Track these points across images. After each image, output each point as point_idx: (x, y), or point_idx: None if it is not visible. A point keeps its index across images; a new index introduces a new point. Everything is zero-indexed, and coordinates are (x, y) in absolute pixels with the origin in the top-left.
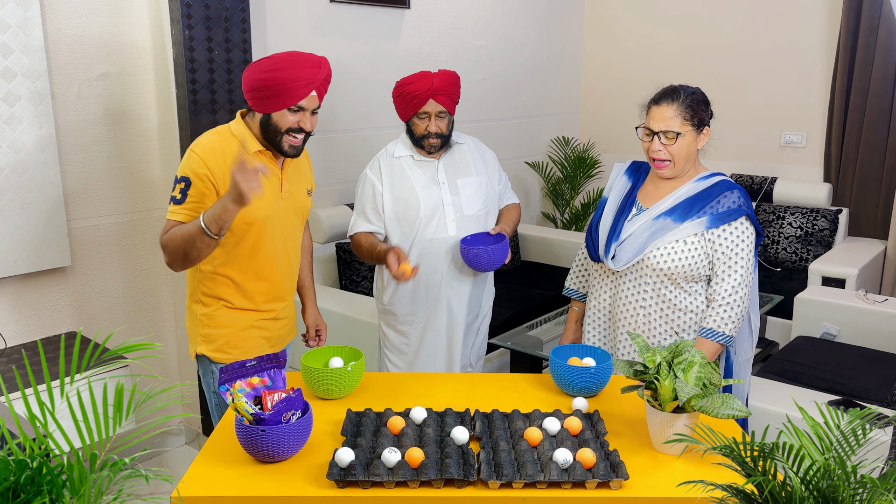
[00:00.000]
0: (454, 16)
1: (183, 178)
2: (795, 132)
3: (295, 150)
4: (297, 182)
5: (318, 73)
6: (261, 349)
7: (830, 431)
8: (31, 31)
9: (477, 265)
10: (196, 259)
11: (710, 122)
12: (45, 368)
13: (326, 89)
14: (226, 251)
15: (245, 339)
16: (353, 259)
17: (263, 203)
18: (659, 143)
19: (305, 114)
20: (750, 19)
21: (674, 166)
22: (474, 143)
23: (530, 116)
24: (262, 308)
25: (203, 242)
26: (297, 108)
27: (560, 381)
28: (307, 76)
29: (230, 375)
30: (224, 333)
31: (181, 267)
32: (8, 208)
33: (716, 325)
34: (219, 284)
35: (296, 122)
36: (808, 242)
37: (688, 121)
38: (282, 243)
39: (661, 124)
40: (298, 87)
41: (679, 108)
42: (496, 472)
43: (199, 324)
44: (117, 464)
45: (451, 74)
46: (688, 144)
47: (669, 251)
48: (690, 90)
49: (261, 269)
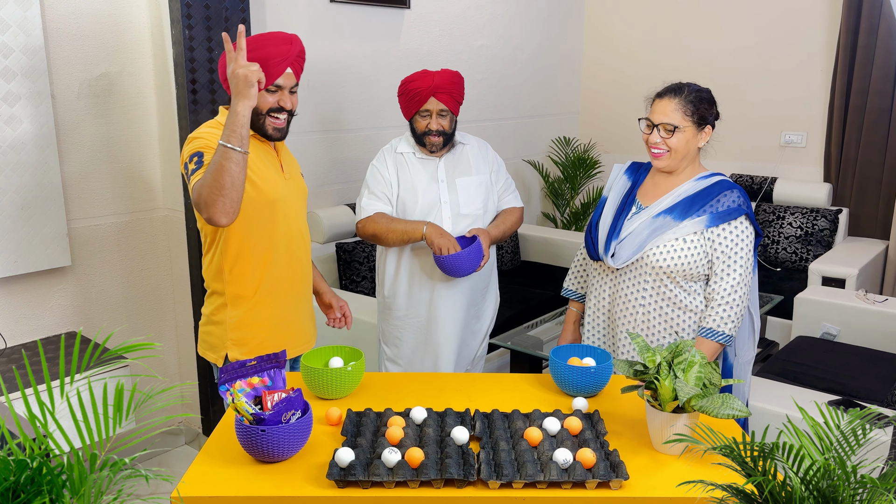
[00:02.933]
0: (454, 16)
1: (194, 153)
2: (795, 132)
3: (279, 133)
4: (293, 165)
5: (290, 49)
6: (291, 350)
7: (830, 431)
8: (31, 31)
9: (448, 270)
10: (231, 187)
11: (715, 122)
12: (45, 368)
13: (302, 67)
14: (249, 233)
15: (277, 338)
16: (353, 259)
17: (274, 183)
18: (658, 135)
19: (284, 92)
20: (750, 19)
21: (670, 157)
22: (479, 145)
23: (530, 116)
24: (293, 298)
25: (229, 160)
26: (275, 87)
27: (560, 381)
28: (280, 53)
29: (230, 375)
30: (256, 335)
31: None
32: (8, 208)
33: (715, 324)
34: (246, 277)
35: (275, 101)
36: (808, 242)
37: (688, 116)
38: (297, 225)
39: (661, 117)
40: (273, 66)
41: (681, 103)
42: (496, 472)
43: (229, 328)
44: (117, 464)
45: (452, 73)
46: (686, 140)
47: (669, 249)
48: (696, 88)
49: (283, 250)
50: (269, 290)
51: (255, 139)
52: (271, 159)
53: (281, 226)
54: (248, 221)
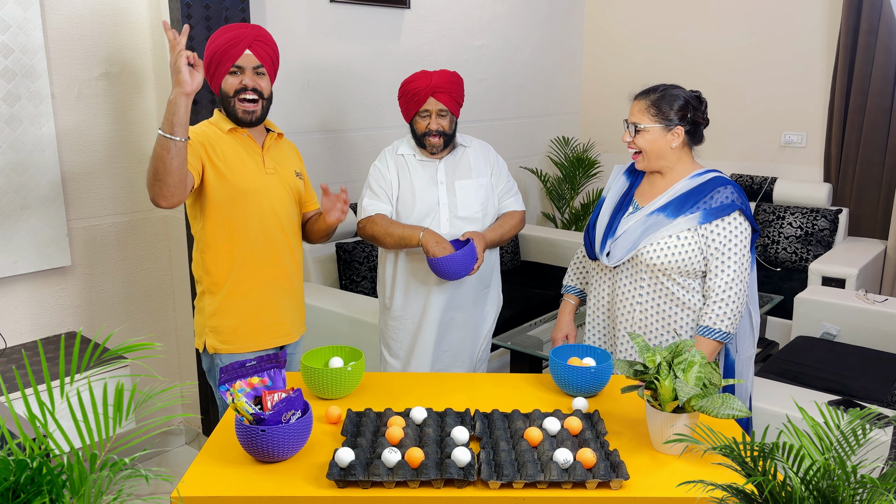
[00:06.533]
0: (454, 16)
1: None
2: (795, 132)
3: (249, 116)
4: (283, 162)
5: (244, 31)
6: (269, 341)
7: (830, 431)
8: (31, 31)
9: (440, 273)
10: (164, 173)
11: (692, 123)
12: (45, 368)
13: (266, 52)
14: (219, 221)
15: (253, 329)
16: (353, 259)
17: (247, 175)
18: (628, 134)
19: (245, 73)
20: (750, 19)
21: (643, 158)
22: (481, 147)
23: (530, 116)
24: (269, 292)
25: (162, 147)
26: (236, 68)
27: (560, 381)
28: (234, 36)
29: (230, 375)
30: (230, 324)
31: (159, 191)
32: (8, 208)
33: (712, 321)
34: (222, 266)
35: (238, 82)
36: (808, 242)
37: (653, 117)
38: (274, 217)
39: (630, 117)
40: (229, 48)
41: (646, 104)
42: (496, 472)
43: (207, 315)
44: (117, 464)
45: (451, 73)
46: (653, 140)
47: (662, 246)
48: (669, 89)
49: (256, 240)
50: (242, 279)
51: (236, 132)
52: (251, 152)
53: (254, 217)
54: (216, 209)
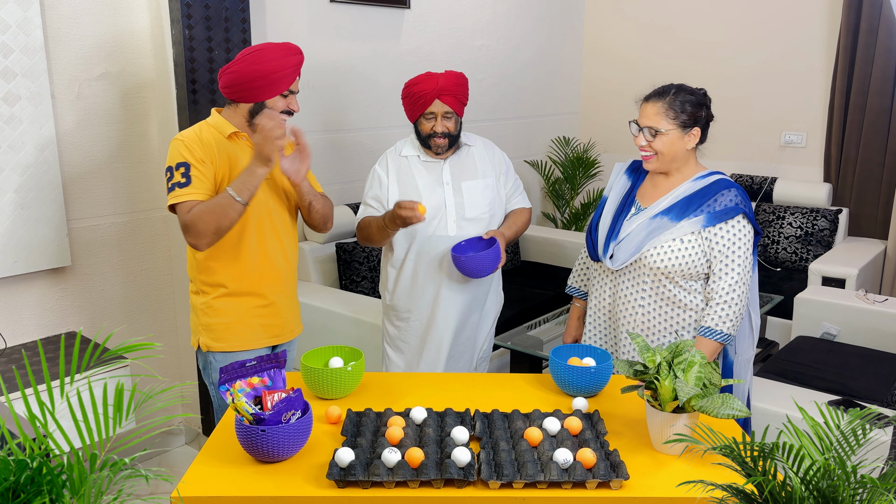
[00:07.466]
0: (454, 16)
1: (180, 163)
2: (795, 132)
3: None
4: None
5: (299, 59)
6: (261, 340)
7: (830, 431)
8: (31, 31)
9: (466, 272)
10: (227, 228)
11: (705, 124)
12: (45, 368)
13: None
14: None
15: (245, 327)
16: (353, 259)
17: None
18: (643, 138)
19: (293, 97)
20: (750, 19)
21: (657, 160)
22: (484, 146)
23: (530, 116)
24: (261, 291)
25: (235, 210)
26: (288, 92)
27: (560, 381)
28: (291, 63)
29: (230, 375)
30: (223, 322)
31: (211, 240)
32: (8, 208)
33: (713, 323)
34: (216, 268)
35: (286, 105)
36: (808, 242)
37: (672, 120)
38: (267, 219)
39: (645, 120)
40: (286, 76)
41: (664, 107)
42: (496, 472)
43: (200, 313)
44: (117, 464)
45: (457, 75)
46: (671, 142)
47: (666, 250)
48: (682, 89)
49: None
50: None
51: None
52: (249, 157)
53: (247, 220)
54: None
